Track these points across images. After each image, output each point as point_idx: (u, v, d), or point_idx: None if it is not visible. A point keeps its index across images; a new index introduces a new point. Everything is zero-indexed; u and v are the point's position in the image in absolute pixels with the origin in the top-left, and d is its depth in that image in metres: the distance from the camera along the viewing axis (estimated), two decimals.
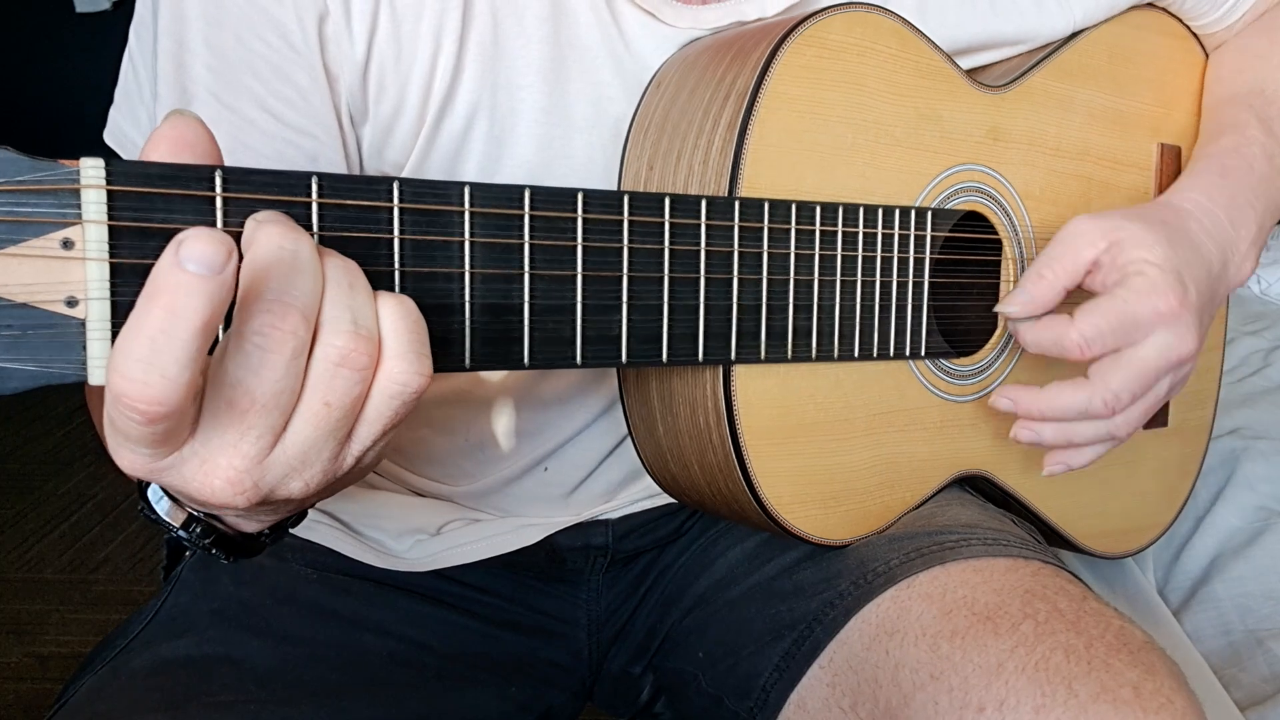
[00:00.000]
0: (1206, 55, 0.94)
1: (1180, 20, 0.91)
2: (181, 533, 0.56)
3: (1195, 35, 0.93)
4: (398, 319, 0.45)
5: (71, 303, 0.40)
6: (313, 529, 0.81)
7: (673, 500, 0.85)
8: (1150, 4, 0.88)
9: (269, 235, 0.42)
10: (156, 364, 0.38)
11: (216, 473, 0.44)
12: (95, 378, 0.41)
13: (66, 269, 0.40)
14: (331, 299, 0.44)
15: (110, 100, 0.73)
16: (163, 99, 0.65)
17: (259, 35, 0.64)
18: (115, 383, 0.39)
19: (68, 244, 0.40)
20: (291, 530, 0.61)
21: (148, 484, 0.56)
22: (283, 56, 0.64)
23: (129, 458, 0.43)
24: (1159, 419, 0.95)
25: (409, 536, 0.83)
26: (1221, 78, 0.92)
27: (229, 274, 0.38)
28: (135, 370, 0.38)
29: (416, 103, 0.68)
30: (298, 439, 0.45)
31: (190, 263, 0.38)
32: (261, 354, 0.41)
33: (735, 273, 0.61)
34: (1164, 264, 0.71)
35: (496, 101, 0.68)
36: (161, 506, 0.56)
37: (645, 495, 0.86)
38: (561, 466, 0.82)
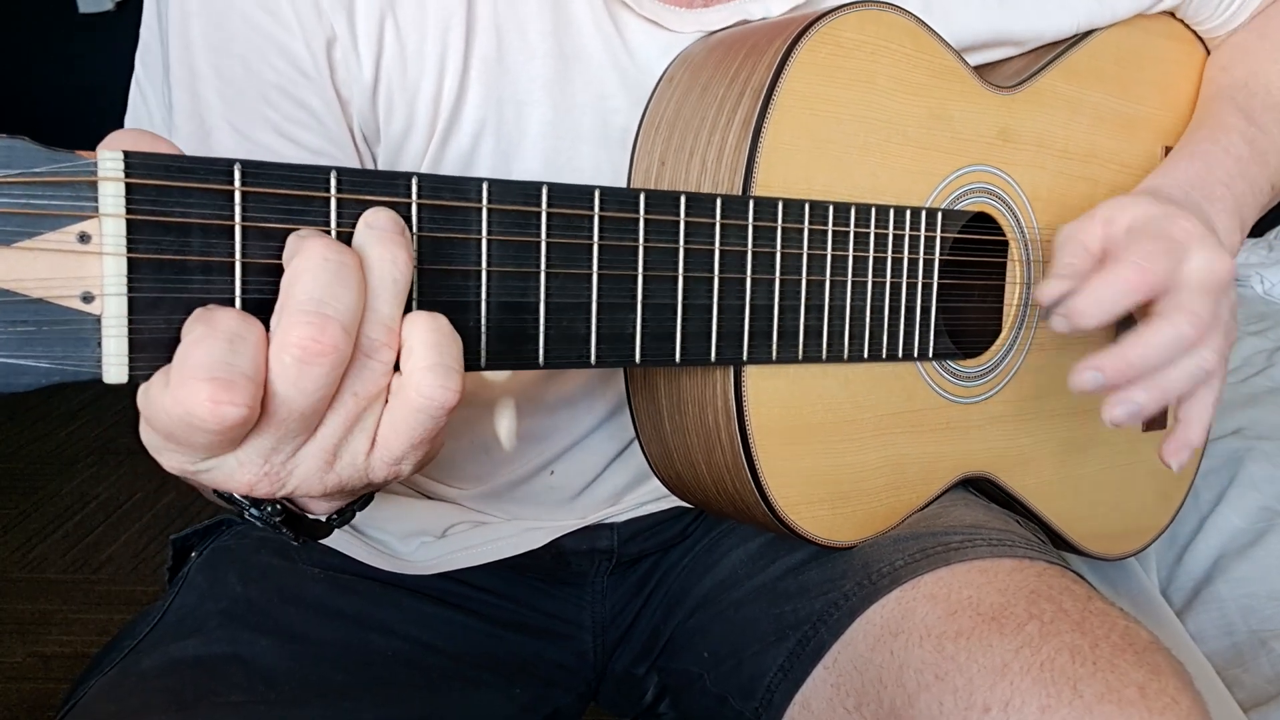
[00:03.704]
0: None
1: (1185, 24, 0.92)
2: (254, 510, 0.56)
3: (1200, 39, 0.93)
4: (427, 333, 0.45)
5: (87, 298, 0.40)
6: None
7: (679, 503, 0.85)
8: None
9: (314, 246, 0.43)
10: (234, 364, 0.40)
11: (252, 469, 0.45)
12: (110, 375, 0.41)
13: (83, 263, 0.39)
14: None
15: (112, 100, 0.73)
16: (180, 129, 0.66)
17: (269, 63, 0.64)
18: (190, 392, 0.40)
19: (84, 238, 0.39)
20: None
21: None
22: (293, 82, 0.65)
23: (171, 459, 0.45)
24: (1158, 420, 0.95)
25: (414, 538, 0.83)
26: (1211, 77, 0.92)
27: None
28: (221, 373, 0.40)
29: (425, 121, 0.68)
30: (327, 430, 0.46)
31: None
32: (300, 366, 0.42)
33: (749, 272, 0.61)
34: (1166, 199, 0.71)
35: (503, 117, 0.69)
36: None
37: (651, 498, 0.86)
38: (567, 470, 0.82)
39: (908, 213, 0.70)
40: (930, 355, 0.74)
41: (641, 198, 0.55)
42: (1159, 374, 0.67)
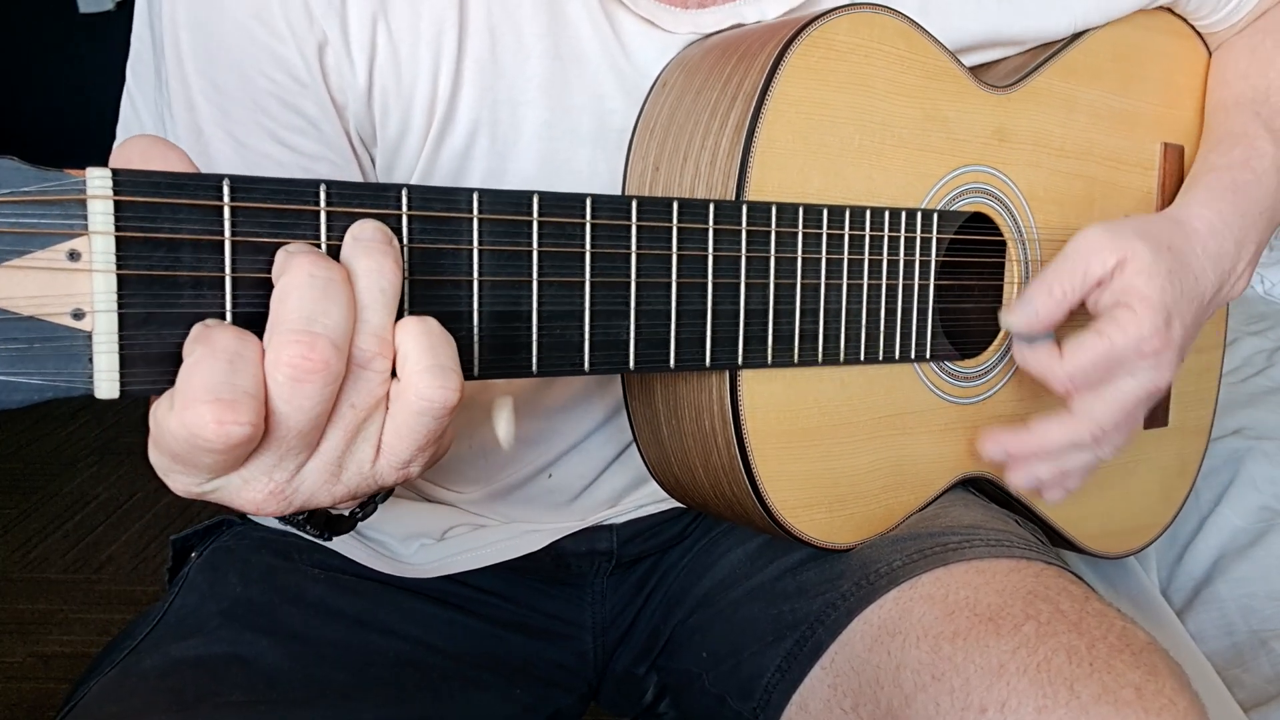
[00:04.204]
0: (1209, 53, 0.94)
1: (1184, 19, 0.91)
2: None
3: (1199, 34, 0.93)
4: (420, 336, 0.46)
5: (78, 315, 0.40)
6: None
7: (677, 504, 0.85)
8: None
9: (301, 263, 0.43)
10: (238, 386, 0.41)
11: (258, 488, 0.46)
12: (102, 391, 0.41)
13: (73, 281, 0.40)
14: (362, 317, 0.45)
15: (112, 101, 0.73)
16: (180, 140, 0.66)
17: (263, 72, 0.64)
18: (201, 410, 0.41)
19: (74, 255, 0.39)
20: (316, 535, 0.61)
21: None
22: (288, 90, 0.65)
23: (179, 481, 0.46)
24: (1159, 419, 0.95)
25: (414, 541, 0.83)
26: (1227, 80, 0.92)
27: None
28: (226, 393, 0.41)
29: (420, 124, 0.68)
30: (328, 444, 0.47)
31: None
32: (293, 384, 0.42)
33: (743, 277, 0.61)
34: (1156, 301, 0.72)
35: (497, 118, 0.68)
36: None
37: (650, 500, 0.86)
38: (565, 473, 0.82)
39: (903, 214, 0.69)
40: (928, 356, 0.74)
41: (634, 204, 0.55)
42: (1057, 457, 0.75)
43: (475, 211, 0.49)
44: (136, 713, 0.66)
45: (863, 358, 0.69)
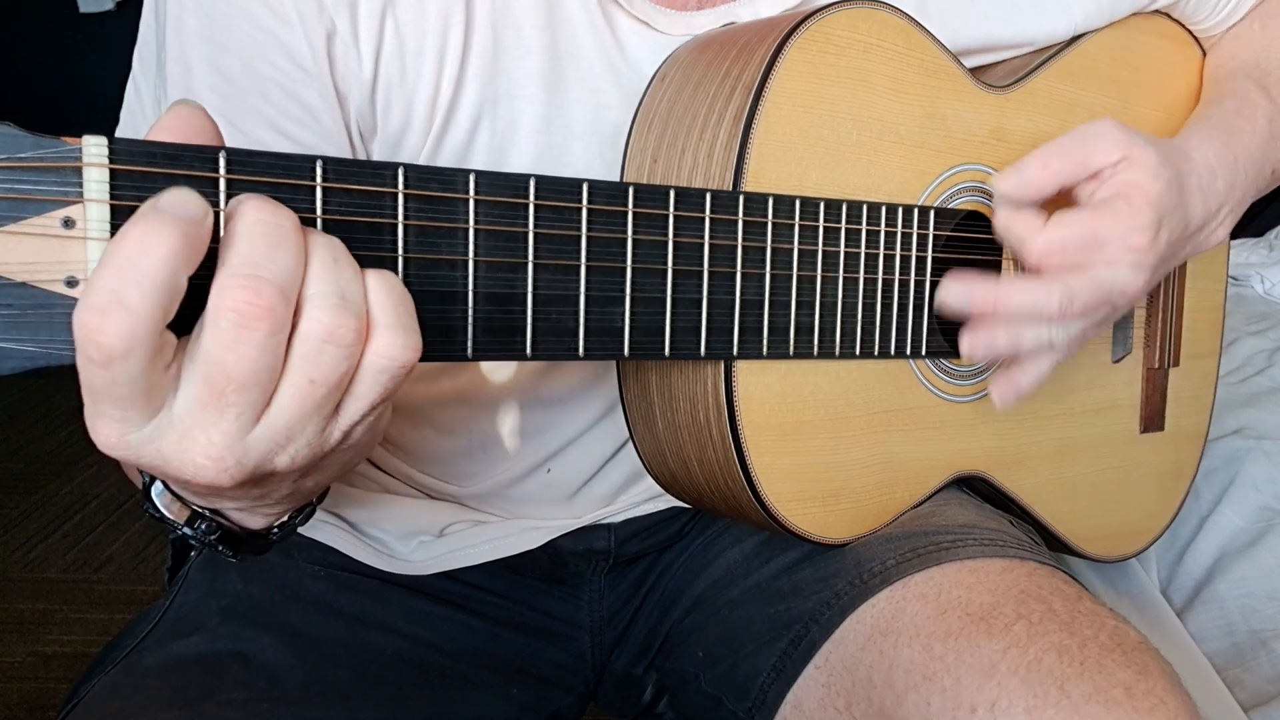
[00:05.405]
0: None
1: (1181, 24, 0.92)
2: (187, 529, 0.55)
3: (1196, 39, 0.93)
4: (383, 294, 0.44)
5: (72, 283, 0.40)
6: (318, 528, 0.81)
7: (675, 503, 0.85)
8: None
9: (249, 209, 0.42)
10: (118, 291, 0.38)
11: (196, 449, 0.43)
12: None
13: (67, 248, 0.40)
14: (316, 275, 0.43)
15: (113, 100, 0.74)
16: None
17: (268, 59, 0.64)
18: (77, 316, 0.38)
19: (69, 223, 0.40)
20: (299, 529, 0.60)
21: (152, 482, 0.55)
22: (292, 78, 0.65)
23: (103, 426, 0.42)
24: (1155, 424, 0.94)
25: (413, 538, 0.83)
26: (1219, 64, 0.92)
27: (207, 225, 0.40)
28: (96, 299, 0.38)
29: (422, 118, 0.68)
30: (282, 415, 0.44)
31: (167, 206, 0.38)
32: (236, 330, 0.40)
33: (739, 267, 0.61)
34: (1155, 200, 0.71)
35: (497, 112, 0.69)
36: (161, 501, 0.55)
37: (646, 497, 0.86)
38: (564, 468, 0.82)
39: (899, 210, 0.70)
40: (923, 353, 0.74)
41: (630, 191, 0.55)
42: (1017, 325, 0.70)
43: (472, 192, 0.49)
44: (139, 709, 0.66)
45: (858, 352, 0.69)
